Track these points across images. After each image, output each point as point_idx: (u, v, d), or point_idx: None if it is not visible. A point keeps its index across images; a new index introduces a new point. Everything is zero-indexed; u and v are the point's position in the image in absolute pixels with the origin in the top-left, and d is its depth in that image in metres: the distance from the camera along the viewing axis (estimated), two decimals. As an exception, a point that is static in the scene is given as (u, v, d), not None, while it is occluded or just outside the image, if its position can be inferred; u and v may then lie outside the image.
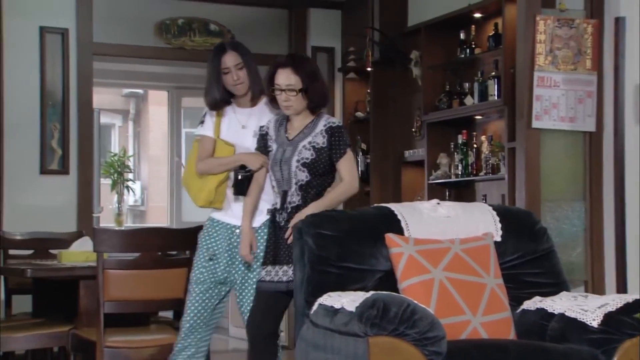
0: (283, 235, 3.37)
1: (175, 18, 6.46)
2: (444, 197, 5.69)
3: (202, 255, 3.54)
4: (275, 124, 3.50)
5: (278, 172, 3.42)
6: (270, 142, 3.47)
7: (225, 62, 3.52)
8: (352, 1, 6.55)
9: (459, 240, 3.27)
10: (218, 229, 3.57)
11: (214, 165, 3.55)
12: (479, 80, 5.46)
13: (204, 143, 3.57)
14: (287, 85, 3.37)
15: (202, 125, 3.59)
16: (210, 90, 3.54)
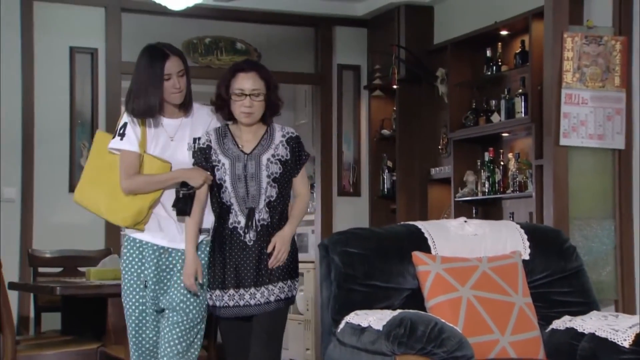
0: (250, 256, 3.11)
1: (202, 37, 6.52)
2: (471, 214, 5.66)
3: (134, 281, 3.17)
4: (217, 135, 3.19)
5: (242, 188, 3.12)
6: (215, 155, 3.15)
7: (168, 68, 3.14)
8: (378, 19, 6.57)
9: (487, 258, 3.25)
10: (144, 251, 3.18)
11: (147, 183, 3.13)
12: (505, 98, 5.44)
13: (128, 158, 3.13)
14: (253, 89, 3.11)
15: (123, 139, 3.15)
16: (144, 96, 3.10)
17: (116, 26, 6.12)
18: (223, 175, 3.14)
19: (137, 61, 3.18)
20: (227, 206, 3.14)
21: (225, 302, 3.12)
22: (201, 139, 3.19)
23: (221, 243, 3.14)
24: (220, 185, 3.14)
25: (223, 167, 3.14)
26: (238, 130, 3.18)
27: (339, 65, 6.76)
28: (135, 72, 3.16)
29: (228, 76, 3.15)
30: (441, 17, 6.24)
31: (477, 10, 5.79)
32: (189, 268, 3.09)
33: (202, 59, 6.51)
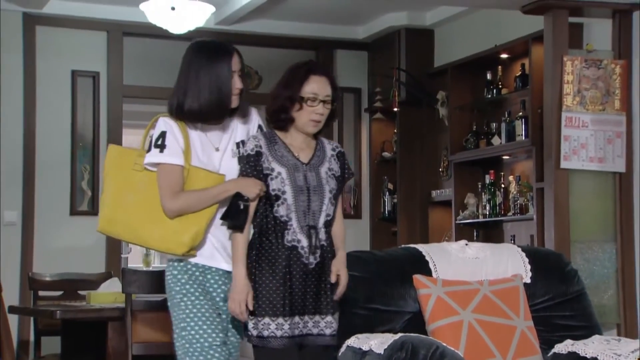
0: (310, 280, 2.75)
1: (203, 60, 6.54)
2: (472, 237, 5.65)
3: (207, 310, 2.69)
4: (266, 140, 2.79)
5: (304, 202, 2.74)
6: (267, 163, 2.75)
7: (234, 65, 2.75)
8: (378, 42, 6.61)
9: (488, 281, 3.25)
10: (211, 277, 2.75)
11: (197, 200, 2.67)
12: (506, 121, 5.46)
13: (171, 174, 2.67)
14: (326, 95, 2.78)
15: (163, 151, 2.68)
16: (207, 97, 2.69)
17: (118, 50, 6.15)
18: (281, 185, 2.74)
19: (192, 57, 2.75)
20: (282, 222, 2.73)
21: (272, 332, 2.70)
22: (247, 143, 2.77)
23: (272, 264, 2.72)
24: (277, 197, 2.73)
25: (280, 177, 2.74)
26: (289, 138, 2.80)
27: (339, 88, 6.77)
28: (189, 70, 2.72)
29: (300, 76, 2.76)
30: (441, 41, 6.27)
31: (477, 34, 5.82)
32: (239, 293, 2.67)
33: (203, 82, 6.53)
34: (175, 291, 2.71)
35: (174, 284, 2.72)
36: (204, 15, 5.24)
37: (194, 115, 2.70)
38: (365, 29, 6.59)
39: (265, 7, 5.88)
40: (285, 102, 2.76)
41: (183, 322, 2.68)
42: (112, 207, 2.71)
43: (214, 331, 2.68)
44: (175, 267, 2.73)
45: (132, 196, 2.70)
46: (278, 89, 2.79)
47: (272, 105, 2.79)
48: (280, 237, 2.73)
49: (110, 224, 2.71)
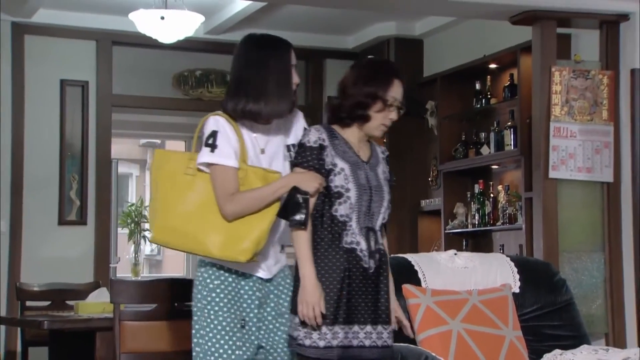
0: (369, 286, 2.58)
1: (193, 70, 6.55)
2: (461, 247, 5.66)
3: (228, 324, 2.54)
4: (328, 134, 2.63)
5: (366, 202, 2.60)
6: (331, 158, 2.60)
7: (293, 58, 2.61)
8: (367, 52, 6.62)
9: (477, 291, 3.25)
10: (245, 284, 2.60)
11: (257, 199, 2.49)
12: (495, 130, 5.48)
13: (226, 174, 2.51)
14: (401, 102, 2.67)
15: (214, 151, 2.53)
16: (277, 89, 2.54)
17: (107, 59, 6.14)
18: (344, 182, 2.58)
19: (250, 52, 2.59)
20: (341, 222, 2.58)
21: (329, 342, 2.51)
22: (309, 134, 2.60)
23: (329, 267, 2.55)
24: (339, 194, 2.58)
25: (343, 173, 2.59)
26: (348, 134, 2.66)
27: (329, 97, 6.79)
28: (248, 65, 2.56)
29: (385, 77, 2.64)
30: (431, 51, 6.29)
31: (466, 44, 5.84)
32: (312, 295, 2.48)
33: (192, 91, 6.53)
34: (202, 296, 2.56)
35: (202, 288, 2.57)
36: (194, 24, 5.25)
37: (256, 111, 2.54)
38: (355, 39, 6.61)
39: (254, 17, 5.88)
40: (367, 99, 2.61)
41: (203, 330, 2.55)
42: (165, 216, 2.52)
43: (231, 347, 2.54)
44: (206, 271, 2.57)
45: (187, 202, 2.51)
46: (357, 83, 2.64)
47: (349, 99, 2.63)
48: (338, 239, 2.56)
49: (164, 233, 2.53)
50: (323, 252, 2.56)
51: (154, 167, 2.59)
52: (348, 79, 2.68)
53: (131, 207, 8.59)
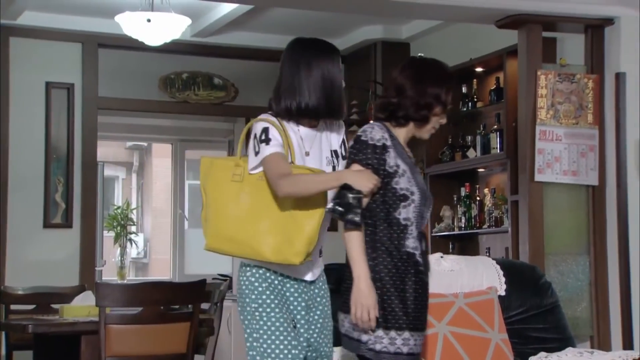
0: (426, 291, 2.57)
1: (179, 72, 6.53)
2: (447, 249, 5.67)
3: (282, 324, 2.55)
4: (389, 133, 2.60)
5: (424, 206, 2.57)
6: (394, 159, 2.55)
7: (339, 62, 2.66)
8: (354, 55, 6.63)
9: (463, 294, 3.26)
10: (290, 286, 2.61)
11: (308, 182, 2.50)
12: (481, 134, 5.49)
13: (279, 159, 2.53)
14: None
15: (269, 144, 2.54)
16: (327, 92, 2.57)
17: (93, 61, 6.12)
18: (409, 185, 2.53)
19: (300, 54, 2.64)
20: (403, 225, 2.52)
21: (398, 348, 2.45)
22: (372, 131, 2.57)
23: (390, 271, 2.50)
24: (405, 197, 2.52)
25: (406, 175, 2.54)
26: (399, 135, 2.63)
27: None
28: (299, 67, 2.60)
29: (449, 81, 2.63)
30: (417, 54, 6.29)
31: (452, 47, 5.86)
32: (367, 298, 2.42)
33: (179, 94, 6.52)
34: (251, 299, 2.58)
35: (249, 292, 2.58)
36: (180, 27, 5.23)
37: (305, 112, 2.57)
38: (342, 42, 6.61)
39: (241, 20, 5.88)
40: (434, 101, 2.59)
41: (256, 333, 2.56)
42: (217, 223, 2.55)
43: (287, 346, 2.55)
44: (253, 274, 2.59)
45: (236, 209, 2.53)
46: (423, 82, 2.60)
47: (411, 98, 2.58)
48: (399, 242, 2.50)
49: (217, 240, 2.55)
50: (384, 257, 2.50)
51: (202, 175, 2.61)
52: (405, 77, 2.62)
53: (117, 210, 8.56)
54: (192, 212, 9.93)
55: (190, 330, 3.60)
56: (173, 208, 9.18)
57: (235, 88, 6.66)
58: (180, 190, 9.23)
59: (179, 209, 9.14)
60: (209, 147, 9.57)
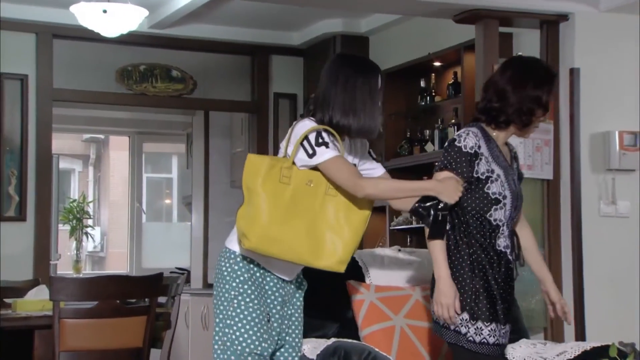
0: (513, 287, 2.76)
1: (137, 64, 6.46)
2: (405, 243, 5.70)
3: (258, 316, 2.60)
4: (485, 137, 2.63)
5: (515, 208, 2.67)
6: (487, 165, 2.60)
7: (379, 82, 2.71)
8: (314, 48, 6.62)
9: (420, 287, 3.28)
10: (270, 280, 2.67)
11: (394, 189, 2.64)
12: (439, 128, 5.53)
13: (346, 162, 2.61)
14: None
15: (329, 147, 2.59)
16: (374, 113, 2.62)
17: (47, 52, 6.02)
18: (501, 189, 2.60)
19: (337, 69, 2.69)
20: (494, 225, 2.62)
21: (484, 338, 2.60)
22: (466, 138, 2.61)
23: (483, 268, 2.61)
24: (497, 200, 2.60)
25: (500, 179, 2.60)
26: (498, 138, 2.67)
27: (275, 94, 6.78)
28: (337, 82, 2.65)
29: (549, 83, 2.64)
30: (376, 48, 6.32)
31: (411, 42, 5.88)
32: (447, 297, 2.57)
33: (136, 86, 6.44)
34: (231, 286, 2.61)
35: (231, 279, 2.62)
36: (137, 18, 5.17)
37: (344, 125, 2.62)
38: (301, 35, 6.60)
39: (200, 12, 5.83)
40: (536, 106, 2.61)
41: (230, 320, 2.60)
42: (268, 226, 2.54)
43: (259, 339, 2.59)
44: (237, 262, 2.62)
45: (286, 212, 2.56)
46: (524, 86, 2.61)
47: (513, 103, 2.59)
48: (491, 241, 2.62)
49: (265, 242, 2.54)
50: (478, 253, 2.60)
51: (248, 173, 2.60)
52: (506, 81, 2.64)
53: (73, 203, 8.45)
54: (150, 205, 9.85)
55: (146, 324, 3.57)
56: (130, 201, 9.10)
57: (194, 80, 6.61)
58: (138, 183, 9.14)
59: (136, 202, 9.06)
60: (167, 139, 9.50)
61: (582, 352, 2.97)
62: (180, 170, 9.80)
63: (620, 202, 4.63)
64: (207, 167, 7.59)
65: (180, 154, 9.44)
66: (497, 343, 2.62)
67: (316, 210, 2.58)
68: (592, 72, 4.62)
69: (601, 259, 4.58)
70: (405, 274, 3.34)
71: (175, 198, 10.29)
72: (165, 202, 10.50)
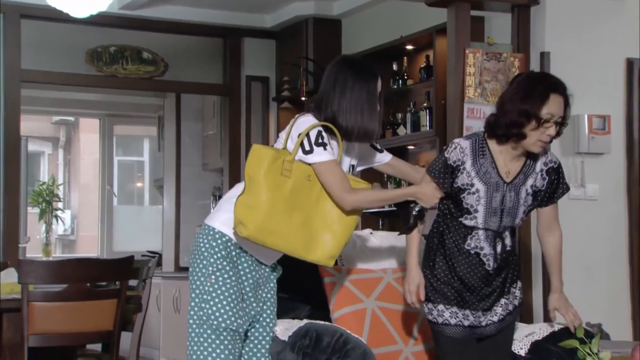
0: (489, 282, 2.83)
1: (107, 46, 6.39)
2: (377, 226, 5.72)
3: (234, 293, 2.66)
4: (473, 152, 2.72)
5: (495, 223, 2.76)
6: (468, 178, 2.71)
7: (379, 87, 2.80)
8: (286, 31, 6.59)
9: (392, 269, 3.29)
10: (244, 260, 2.73)
11: (376, 199, 2.81)
12: (411, 111, 5.54)
13: (339, 168, 2.70)
14: (560, 117, 2.67)
15: (326, 149, 2.67)
16: (371, 117, 2.72)
17: (15, 33, 5.93)
18: (475, 203, 2.72)
19: (337, 72, 2.76)
20: (469, 227, 2.77)
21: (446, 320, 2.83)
22: (452, 151, 2.73)
23: (448, 259, 2.80)
24: (468, 211, 2.74)
25: (477, 194, 2.72)
26: (502, 154, 2.73)
27: (247, 77, 6.75)
28: (335, 85, 2.73)
29: (541, 93, 2.64)
30: (349, 31, 6.31)
31: (383, 25, 5.88)
32: (411, 284, 2.81)
33: (106, 68, 6.37)
34: (209, 262, 2.66)
35: (209, 254, 2.67)
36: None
37: (341, 131, 2.70)
38: (273, 18, 6.57)
39: (171, -7, 5.77)
40: (522, 117, 2.63)
41: (207, 295, 2.64)
42: (267, 217, 2.60)
43: (235, 315, 2.65)
44: (215, 239, 2.67)
45: (284, 205, 2.62)
46: (513, 100, 2.66)
47: (504, 116, 2.66)
48: (461, 240, 2.77)
49: (263, 233, 2.60)
50: (449, 251, 2.79)
51: (252, 163, 2.64)
52: (506, 94, 2.72)
53: (42, 186, 8.36)
54: (121, 189, 9.78)
55: (117, 307, 3.55)
56: (101, 184, 9.02)
57: (165, 63, 6.56)
58: (109, 166, 9.07)
59: (107, 185, 8.99)
60: (138, 122, 9.43)
61: (550, 333, 3.01)
62: (152, 153, 9.73)
63: (589, 185, 4.69)
64: (179, 150, 7.55)
65: (151, 137, 9.38)
66: (459, 324, 2.79)
67: (312, 205, 2.66)
68: (563, 56, 4.65)
69: (570, 241, 4.61)
70: (377, 256, 3.35)
71: (146, 181, 10.22)
72: (137, 185, 10.43)
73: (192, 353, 2.66)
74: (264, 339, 2.81)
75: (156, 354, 7.12)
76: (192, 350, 2.66)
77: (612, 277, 4.75)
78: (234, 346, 2.66)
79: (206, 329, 2.64)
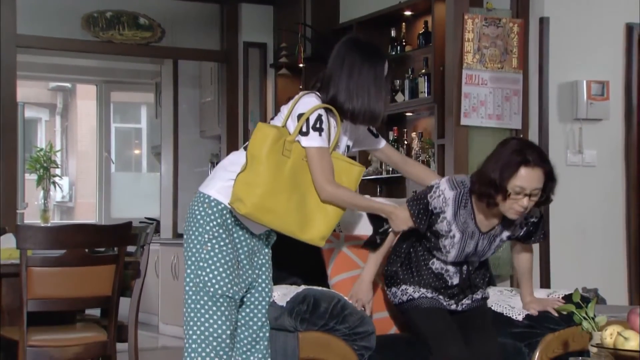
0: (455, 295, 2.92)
1: (103, 11, 6.34)
2: (375, 193, 5.73)
3: (230, 260, 2.68)
4: (455, 205, 2.76)
5: (463, 264, 2.86)
6: (447, 226, 2.77)
7: (385, 70, 2.79)
8: (284, -3, 6.55)
9: (389, 235, 3.30)
10: (239, 229, 2.75)
11: (352, 201, 2.76)
12: (409, 78, 5.52)
13: (327, 157, 2.71)
14: (534, 189, 2.66)
15: (322, 134, 2.69)
16: (377, 99, 2.73)
17: (11, -3, 5.88)
18: (449, 246, 2.81)
19: (345, 53, 2.75)
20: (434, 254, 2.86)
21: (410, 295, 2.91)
22: (435, 197, 2.77)
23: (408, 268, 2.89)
24: (440, 250, 2.83)
25: (452, 240, 2.80)
26: (483, 211, 2.76)
27: (245, 43, 6.71)
28: (343, 66, 2.72)
29: (512, 167, 2.63)
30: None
31: (382, -10, 5.83)
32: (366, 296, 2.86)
33: (102, 33, 6.33)
34: (205, 230, 2.68)
35: (204, 222, 2.68)
36: (103, -37, 5.05)
37: (345, 112, 2.71)
38: (271, -17, 6.51)
39: (167, -43, 5.72)
40: (490, 189, 2.66)
41: (203, 262, 2.67)
42: (266, 196, 2.62)
43: (231, 282, 2.67)
44: (211, 207, 2.69)
45: (283, 185, 2.65)
46: (488, 165, 2.69)
47: (479, 180, 2.70)
48: (428, 258, 2.87)
49: (261, 211, 2.63)
50: (414, 267, 2.88)
51: (256, 141, 2.66)
52: (491, 155, 2.75)
53: (40, 152, 8.35)
54: (118, 155, 9.77)
55: (115, 273, 3.56)
56: (99, 151, 9.01)
57: (162, 28, 6.51)
58: (106, 133, 9.05)
59: (105, 152, 8.97)
60: (135, 89, 9.38)
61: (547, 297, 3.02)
62: (149, 120, 9.70)
63: (587, 152, 4.69)
64: (177, 117, 7.53)
65: (149, 104, 9.34)
66: (423, 296, 2.85)
67: (308, 186, 2.69)
68: (561, 22, 4.62)
69: (567, 207, 4.64)
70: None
71: (144, 148, 10.20)
72: (135, 152, 10.42)
73: (189, 319, 2.69)
74: (260, 303, 2.83)
75: (155, 319, 7.17)
76: (189, 316, 2.70)
77: (609, 243, 4.77)
78: (230, 312, 2.69)
79: (202, 296, 2.66)
